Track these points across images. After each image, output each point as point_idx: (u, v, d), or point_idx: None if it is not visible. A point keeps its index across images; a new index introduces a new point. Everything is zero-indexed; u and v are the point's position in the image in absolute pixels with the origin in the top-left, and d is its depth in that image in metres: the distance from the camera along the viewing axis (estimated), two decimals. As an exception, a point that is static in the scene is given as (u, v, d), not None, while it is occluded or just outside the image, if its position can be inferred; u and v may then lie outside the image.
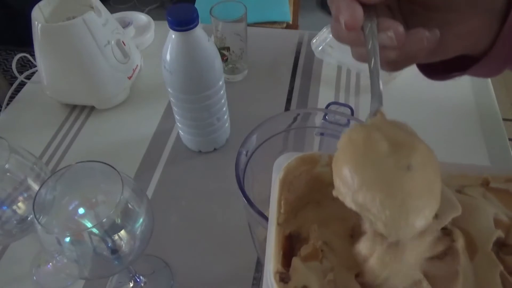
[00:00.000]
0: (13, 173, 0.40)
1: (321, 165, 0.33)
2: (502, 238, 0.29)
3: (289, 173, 0.32)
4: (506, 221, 0.29)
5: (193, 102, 0.55)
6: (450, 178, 0.32)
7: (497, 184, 0.32)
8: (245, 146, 0.42)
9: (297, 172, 0.32)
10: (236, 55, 0.72)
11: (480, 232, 0.28)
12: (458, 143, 0.63)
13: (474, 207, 0.29)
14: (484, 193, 0.31)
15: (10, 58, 1.98)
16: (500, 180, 0.32)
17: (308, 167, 0.33)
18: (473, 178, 0.32)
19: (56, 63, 0.66)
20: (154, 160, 0.63)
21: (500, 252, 0.28)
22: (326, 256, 0.29)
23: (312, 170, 0.33)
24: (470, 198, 0.30)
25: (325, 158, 0.33)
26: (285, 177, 0.31)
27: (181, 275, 0.50)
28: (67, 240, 0.34)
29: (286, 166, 0.32)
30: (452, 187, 0.31)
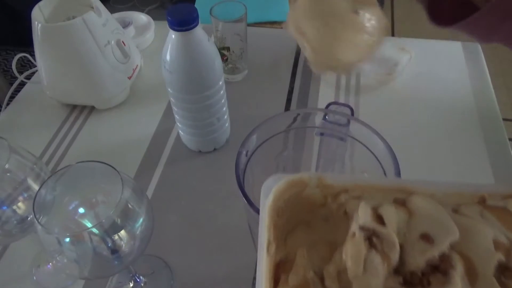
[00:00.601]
0: (13, 173, 0.40)
1: (311, 187, 0.32)
2: (503, 262, 0.28)
3: (278, 197, 0.30)
4: (506, 243, 0.28)
5: (193, 102, 0.55)
6: (446, 197, 0.31)
7: (495, 202, 0.31)
8: (245, 146, 0.42)
9: (286, 195, 0.31)
10: (236, 55, 0.72)
11: (480, 256, 0.27)
12: (458, 143, 0.63)
13: (473, 228, 0.28)
14: (481, 212, 0.30)
15: (10, 58, 1.97)
16: (497, 197, 0.31)
17: (297, 189, 0.31)
18: (469, 196, 0.31)
19: (56, 63, 0.66)
20: (154, 160, 0.63)
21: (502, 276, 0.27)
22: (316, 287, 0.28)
23: (302, 193, 0.32)
24: (468, 219, 0.29)
25: (315, 180, 0.32)
26: (274, 202, 0.30)
27: (181, 275, 0.50)
28: (67, 240, 0.34)
29: (274, 191, 0.30)
30: (447, 206, 0.30)
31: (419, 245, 0.27)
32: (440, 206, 0.29)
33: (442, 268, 0.26)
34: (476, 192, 0.31)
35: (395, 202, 0.30)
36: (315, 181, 0.32)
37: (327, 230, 0.32)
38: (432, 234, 0.27)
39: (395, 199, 0.31)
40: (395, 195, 0.31)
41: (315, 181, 0.31)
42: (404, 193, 0.31)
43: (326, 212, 0.32)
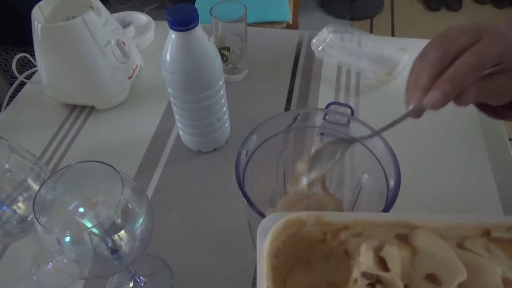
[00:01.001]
0: (13, 173, 0.40)
1: (309, 225, 0.31)
2: None
3: (275, 238, 0.30)
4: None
5: (193, 102, 0.55)
6: (449, 230, 0.30)
7: (499, 234, 0.30)
8: (245, 146, 0.42)
9: (284, 236, 0.30)
10: (236, 55, 0.72)
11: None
12: (458, 143, 0.63)
13: (480, 267, 0.27)
14: (486, 245, 0.29)
15: (10, 58, 1.97)
16: (502, 229, 0.30)
17: (295, 228, 0.31)
18: (473, 228, 0.30)
19: (56, 63, 0.66)
20: (154, 160, 0.63)
21: None
22: None
23: (300, 231, 0.31)
24: (474, 256, 0.28)
25: (313, 218, 0.31)
26: (272, 244, 0.29)
27: (181, 275, 0.50)
28: (67, 240, 0.34)
29: (272, 232, 0.29)
30: (452, 240, 0.29)
31: (425, 286, 0.26)
32: (444, 243, 0.28)
33: None
34: (480, 225, 0.30)
35: (397, 238, 0.29)
36: (313, 219, 0.31)
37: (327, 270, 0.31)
38: (439, 275, 0.26)
39: (397, 235, 0.30)
40: (397, 231, 0.30)
41: (313, 219, 0.31)
42: (406, 227, 0.30)
43: (326, 250, 0.31)
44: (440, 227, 0.30)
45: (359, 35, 0.80)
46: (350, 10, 2.27)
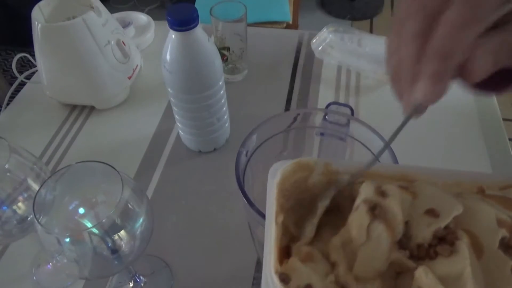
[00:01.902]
0: (13, 173, 0.40)
1: (316, 173, 0.32)
2: (507, 239, 0.28)
3: (285, 178, 0.30)
4: (509, 221, 0.28)
5: (193, 102, 0.55)
6: (446, 186, 0.31)
7: (493, 192, 0.31)
8: (245, 146, 0.42)
9: (293, 179, 0.31)
10: (236, 55, 0.72)
11: (484, 231, 0.28)
12: (458, 143, 0.63)
13: (476, 207, 0.29)
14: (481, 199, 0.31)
15: (10, 58, 1.97)
16: (495, 188, 0.31)
17: (303, 174, 0.32)
18: (468, 186, 0.32)
19: (56, 63, 0.66)
20: (154, 160, 0.63)
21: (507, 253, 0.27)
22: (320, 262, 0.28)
23: (308, 180, 0.32)
24: (470, 199, 0.30)
25: (321, 166, 0.32)
26: (282, 182, 0.30)
27: (181, 275, 0.50)
28: (67, 240, 0.34)
29: (282, 171, 0.30)
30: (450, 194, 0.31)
31: (424, 219, 0.28)
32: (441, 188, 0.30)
33: (449, 240, 0.27)
34: (475, 182, 0.31)
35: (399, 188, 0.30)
36: (321, 167, 0.32)
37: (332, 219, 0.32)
38: (437, 209, 0.28)
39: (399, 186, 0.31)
40: (399, 183, 0.31)
41: (320, 167, 0.32)
42: (407, 181, 0.31)
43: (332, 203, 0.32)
44: (438, 182, 0.31)
45: (359, 35, 0.80)
46: (350, 10, 2.27)
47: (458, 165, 0.61)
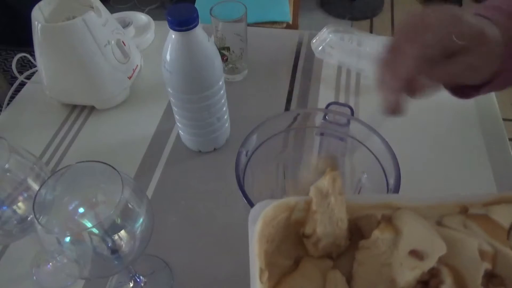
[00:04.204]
0: (13, 173, 0.40)
1: (298, 209, 0.32)
2: (490, 269, 0.28)
3: (267, 223, 0.31)
4: (490, 251, 0.29)
5: (193, 102, 0.55)
6: (429, 209, 0.32)
7: (476, 210, 0.32)
8: (245, 146, 0.42)
9: (275, 221, 0.31)
10: (236, 55, 0.72)
11: (467, 267, 0.28)
12: (458, 143, 0.63)
13: (458, 241, 0.29)
14: (464, 222, 0.31)
15: (10, 58, 1.97)
16: (478, 206, 0.32)
17: (285, 214, 0.32)
18: (451, 206, 0.32)
19: (56, 63, 0.66)
20: (154, 160, 0.63)
21: (490, 284, 0.28)
22: None
23: (290, 217, 0.32)
24: (452, 231, 0.30)
25: (301, 203, 0.32)
26: (263, 228, 0.30)
27: (181, 275, 0.50)
28: (67, 240, 0.34)
29: (263, 216, 0.30)
30: (432, 219, 0.31)
31: (408, 261, 0.28)
32: (425, 221, 0.30)
33: (433, 285, 0.27)
34: (458, 203, 0.32)
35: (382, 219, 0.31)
36: (302, 204, 0.32)
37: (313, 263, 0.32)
38: (421, 250, 0.28)
39: (383, 216, 0.31)
40: (383, 211, 0.32)
41: (301, 204, 0.32)
42: (390, 208, 0.32)
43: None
44: (421, 207, 0.32)
45: (359, 35, 0.79)
46: (350, 10, 2.27)
47: (458, 165, 0.62)
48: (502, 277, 0.28)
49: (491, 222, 0.30)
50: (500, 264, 0.29)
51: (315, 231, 0.31)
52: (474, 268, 0.28)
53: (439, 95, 0.73)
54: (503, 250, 0.29)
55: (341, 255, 0.32)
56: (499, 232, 0.30)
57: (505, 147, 0.62)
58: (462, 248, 0.29)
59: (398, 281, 0.28)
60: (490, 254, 0.29)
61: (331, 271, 0.31)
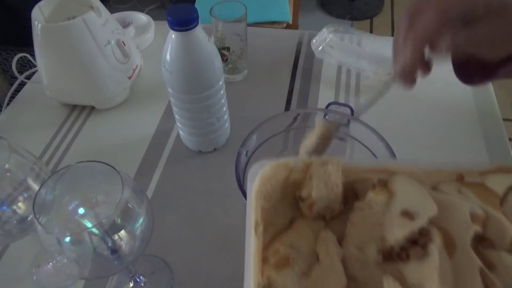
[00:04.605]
0: (13, 173, 0.40)
1: (296, 171, 0.33)
2: (480, 233, 0.29)
3: (265, 181, 0.32)
4: (482, 215, 0.29)
5: (193, 102, 0.55)
6: (426, 175, 0.32)
7: (472, 178, 0.32)
8: (245, 146, 0.42)
9: (273, 180, 0.32)
10: (236, 55, 0.72)
11: (457, 228, 0.28)
12: (458, 143, 0.63)
13: (450, 204, 0.30)
14: (459, 188, 0.32)
15: (10, 58, 1.97)
16: (475, 174, 0.32)
17: (283, 174, 0.33)
18: (448, 174, 0.32)
19: (56, 63, 0.66)
20: (154, 160, 0.63)
21: (479, 246, 0.28)
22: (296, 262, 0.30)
23: (288, 178, 0.33)
24: (445, 195, 0.31)
25: (300, 164, 0.33)
26: (261, 186, 0.31)
27: (181, 275, 0.50)
28: (67, 240, 0.34)
29: (261, 174, 0.31)
30: (427, 185, 0.32)
31: (399, 221, 0.29)
32: (419, 185, 0.31)
33: (421, 243, 0.28)
34: (455, 170, 0.32)
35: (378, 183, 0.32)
36: (300, 165, 0.33)
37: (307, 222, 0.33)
38: (412, 210, 0.29)
39: (379, 180, 0.32)
40: (379, 176, 0.32)
41: (299, 164, 0.33)
42: (387, 173, 0.32)
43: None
44: (417, 172, 0.32)
45: (359, 35, 0.80)
46: (350, 10, 2.27)
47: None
48: (492, 240, 0.29)
49: (486, 189, 0.31)
50: (490, 228, 0.29)
51: (310, 195, 0.32)
52: (463, 230, 0.28)
53: (439, 94, 0.73)
54: (495, 214, 0.29)
55: (335, 218, 0.33)
56: (492, 199, 0.30)
57: (505, 147, 0.62)
58: (453, 211, 0.29)
59: (387, 239, 0.28)
60: (482, 217, 0.29)
61: (323, 230, 0.32)
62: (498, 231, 0.29)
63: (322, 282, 0.28)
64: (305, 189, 0.32)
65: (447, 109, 0.67)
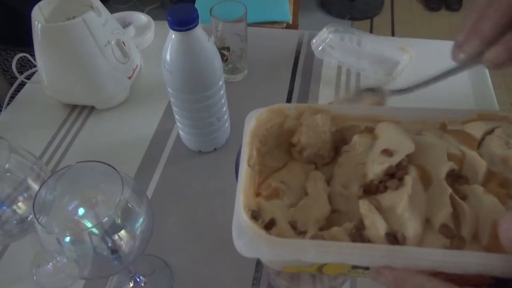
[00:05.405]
0: (13, 173, 0.40)
1: (290, 118, 0.35)
2: (457, 170, 0.31)
3: (260, 124, 0.34)
4: (459, 154, 0.32)
5: (193, 102, 0.55)
6: (411, 123, 0.34)
7: (454, 127, 0.34)
8: (245, 146, 0.42)
9: (268, 125, 0.35)
10: (236, 55, 0.72)
11: (434, 165, 0.31)
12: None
13: (428, 144, 0.32)
14: (441, 135, 0.34)
15: (10, 58, 1.97)
16: (457, 123, 0.34)
17: (279, 120, 0.35)
18: (432, 123, 0.35)
19: (56, 63, 0.66)
20: (154, 160, 0.63)
21: (456, 183, 0.31)
22: (285, 194, 0.33)
23: (283, 124, 0.35)
24: (426, 137, 0.33)
25: (293, 111, 0.35)
26: (257, 128, 0.34)
27: (181, 275, 0.50)
28: (67, 240, 0.34)
29: (256, 117, 0.34)
30: (411, 132, 0.34)
31: (379, 158, 0.31)
32: (401, 128, 0.33)
33: (398, 175, 0.30)
34: (438, 118, 0.34)
35: (365, 130, 0.34)
36: (294, 111, 0.35)
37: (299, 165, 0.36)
38: (392, 148, 0.31)
39: (366, 127, 0.35)
40: (366, 124, 0.35)
41: (293, 111, 0.35)
42: (375, 121, 0.35)
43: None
44: (404, 121, 0.34)
45: (359, 35, 0.80)
46: (350, 10, 2.27)
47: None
48: (467, 178, 0.31)
49: (466, 134, 0.33)
50: (467, 166, 0.31)
51: (299, 141, 0.34)
52: (439, 165, 0.30)
53: (439, 94, 0.73)
54: (471, 153, 0.32)
55: (326, 165, 0.35)
56: (471, 142, 0.33)
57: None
58: (431, 150, 0.31)
59: (368, 175, 0.31)
60: (458, 157, 0.31)
61: (313, 171, 0.34)
62: (472, 168, 0.31)
63: (307, 209, 0.31)
64: (296, 135, 0.35)
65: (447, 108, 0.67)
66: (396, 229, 0.27)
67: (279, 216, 0.30)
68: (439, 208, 0.28)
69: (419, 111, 0.35)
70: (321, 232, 0.29)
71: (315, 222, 0.30)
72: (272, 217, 0.30)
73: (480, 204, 0.29)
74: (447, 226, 0.28)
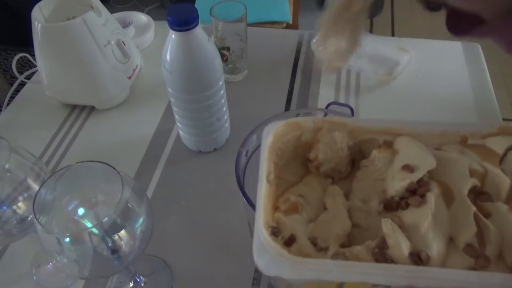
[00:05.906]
0: (13, 173, 0.40)
1: (307, 131, 0.35)
2: (479, 187, 0.30)
3: (277, 138, 0.34)
4: (481, 170, 0.31)
5: (193, 102, 0.55)
6: (430, 137, 0.34)
7: (475, 141, 0.34)
8: (245, 146, 0.42)
9: (285, 138, 0.35)
10: (236, 55, 0.72)
11: (456, 181, 0.30)
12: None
13: (450, 159, 0.31)
14: (461, 149, 0.33)
15: (10, 58, 1.97)
16: (478, 136, 0.34)
17: (296, 133, 0.35)
18: (452, 136, 0.34)
19: (56, 63, 0.66)
20: (154, 160, 0.63)
21: (478, 199, 0.30)
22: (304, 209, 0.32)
23: (300, 137, 0.35)
24: (447, 153, 0.32)
25: (310, 124, 0.35)
26: (274, 142, 0.34)
27: (181, 275, 0.50)
28: (67, 240, 0.34)
29: (274, 131, 0.34)
30: (431, 146, 0.33)
31: (400, 174, 0.31)
32: (421, 143, 0.33)
33: (420, 192, 0.30)
34: (458, 132, 0.34)
35: (384, 145, 0.34)
36: (311, 125, 0.35)
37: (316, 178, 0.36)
38: (413, 164, 0.31)
39: (385, 141, 0.34)
40: (385, 137, 0.34)
41: (310, 124, 0.35)
42: (393, 135, 0.34)
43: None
44: (423, 134, 0.34)
45: (359, 35, 0.79)
46: (350, 10, 2.27)
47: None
48: (490, 194, 0.30)
49: (487, 149, 0.33)
50: (489, 183, 0.31)
51: (317, 157, 0.34)
52: (462, 182, 0.30)
53: (439, 94, 0.73)
54: (493, 170, 0.31)
55: (343, 179, 0.35)
56: (492, 158, 0.32)
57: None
58: (453, 166, 0.31)
59: (389, 190, 0.30)
60: (480, 173, 0.31)
61: (331, 185, 0.34)
62: (495, 184, 0.30)
63: (327, 225, 0.31)
64: (313, 151, 0.35)
65: (447, 109, 0.67)
66: (419, 249, 0.27)
67: (299, 232, 0.30)
68: (464, 227, 0.28)
69: (439, 124, 0.34)
70: (343, 250, 0.29)
71: (336, 238, 0.30)
72: (292, 233, 0.30)
73: (505, 223, 0.28)
74: (472, 246, 0.27)
